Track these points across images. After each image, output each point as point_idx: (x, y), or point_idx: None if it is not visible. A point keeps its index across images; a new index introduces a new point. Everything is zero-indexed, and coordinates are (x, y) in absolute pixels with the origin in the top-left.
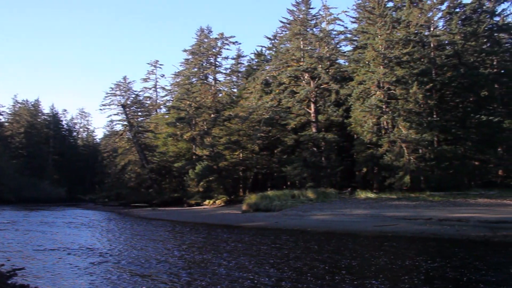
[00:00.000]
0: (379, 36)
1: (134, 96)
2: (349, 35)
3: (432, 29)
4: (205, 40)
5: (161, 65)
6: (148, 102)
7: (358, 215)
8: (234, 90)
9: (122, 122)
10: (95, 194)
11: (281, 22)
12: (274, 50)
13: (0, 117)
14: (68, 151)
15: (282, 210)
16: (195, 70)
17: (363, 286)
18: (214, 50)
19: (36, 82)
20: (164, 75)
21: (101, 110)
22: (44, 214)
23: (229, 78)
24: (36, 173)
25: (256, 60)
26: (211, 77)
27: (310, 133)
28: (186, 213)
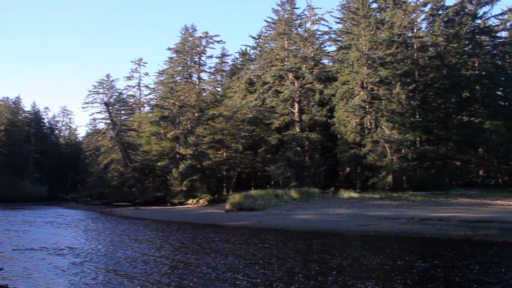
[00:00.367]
0: (363, 36)
1: (117, 94)
2: (333, 36)
3: (415, 30)
4: (189, 38)
5: (145, 63)
6: (131, 100)
7: (341, 215)
8: (218, 89)
9: (105, 121)
10: (77, 193)
11: (266, 21)
12: (258, 49)
13: None
14: (49, 150)
15: (266, 209)
16: (179, 68)
17: (357, 287)
18: (198, 48)
19: (17, 79)
20: (148, 74)
21: (83, 108)
22: (24, 213)
23: (213, 77)
24: (16, 171)
25: (240, 59)
26: (195, 75)
27: (294, 132)
28: (169, 212)
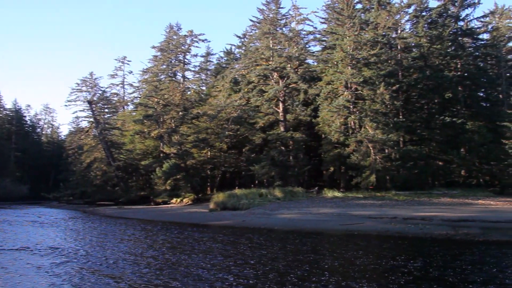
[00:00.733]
0: (348, 37)
1: (100, 92)
2: (318, 36)
3: (399, 31)
4: (174, 37)
5: (129, 61)
6: (115, 98)
7: (325, 214)
8: (203, 88)
9: (88, 119)
10: (59, 192)
11: (251, 20)
12: (243, 48)
13: None
14: (31, 148)
15: (250, 208)
16: (164, 67)
17: None
18: (183, 47)
19: None
20: (132, 72)
21: (66, 106)
22: (5, 213)
23: (198, 76)
24: None
25: (225, 58)
26: (180, 74)
27: (278, 132)
28: (153, 211)
